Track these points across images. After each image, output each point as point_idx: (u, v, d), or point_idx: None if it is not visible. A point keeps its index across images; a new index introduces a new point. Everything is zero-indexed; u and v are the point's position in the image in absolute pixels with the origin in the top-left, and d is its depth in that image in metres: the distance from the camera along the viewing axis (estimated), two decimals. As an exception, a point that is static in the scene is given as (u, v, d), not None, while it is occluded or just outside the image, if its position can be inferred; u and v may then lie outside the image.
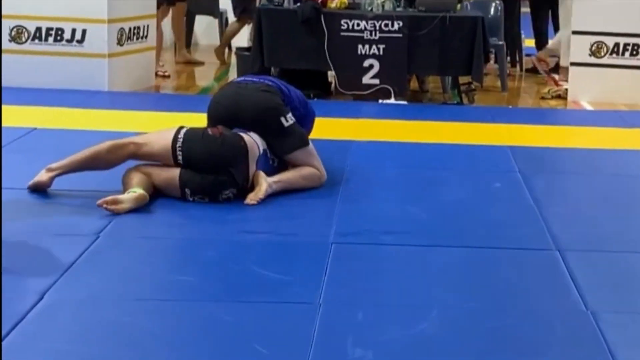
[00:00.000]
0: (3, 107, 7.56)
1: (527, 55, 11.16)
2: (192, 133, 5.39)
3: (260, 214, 5.20)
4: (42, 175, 5.41)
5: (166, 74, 10.02)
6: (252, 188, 5.38)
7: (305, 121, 5.92)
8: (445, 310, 3.97)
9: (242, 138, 5.42)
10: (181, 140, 5.33)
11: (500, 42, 9.83)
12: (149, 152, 5.38)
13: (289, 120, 5.63)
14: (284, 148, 5.62)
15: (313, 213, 5.26)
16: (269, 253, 4.61)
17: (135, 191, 5.08)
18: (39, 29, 8.63)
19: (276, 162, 5.63)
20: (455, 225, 5.15)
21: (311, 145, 5.75)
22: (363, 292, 4.14)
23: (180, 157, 5.32)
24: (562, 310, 4.04)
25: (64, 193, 5.39)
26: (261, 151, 5.49)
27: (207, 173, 5.26)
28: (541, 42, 10.99)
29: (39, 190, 5.39)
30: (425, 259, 4.61)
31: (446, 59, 8.80)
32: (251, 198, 5.30)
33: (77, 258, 4.38)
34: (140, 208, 5.09)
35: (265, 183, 5.37)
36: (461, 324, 3.85)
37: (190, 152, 5.31)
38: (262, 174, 5.42)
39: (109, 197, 4.98)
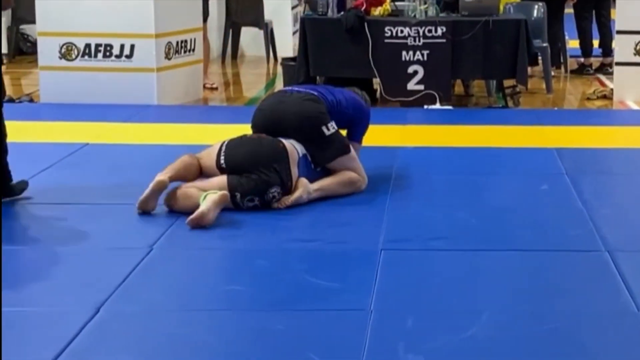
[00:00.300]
0: (56, 123, 7.73)
1: (572, 56, 11.11)
2: (233, 140, 5.57)
3: (310, 221, 5.25)
4: (160, 175, 5.36)
5: (214, 86, 10.10)
6: (294, 192, 5.48)
7: (357, 122, 5.95)
8: (496, 314, 3.99)
9: (280, 141, 5.52)
10: (225, 147, 5.50)
11: (544, 44, 9.81)
12: (205, 164, 5.54)
13: (330, 129, 5.68)
14: (325, 157, 5.69)
15: (362, 220, 5.31)
16: (319, 261, 4.66)
17: (209, 193, 5.16)
18: (88, 46, 8.75)
19: (318, 167, 5.70)
20: (504, 228, 5.17)
21: (352, 151, 5.79)
22: (414, 298, 4.18)
23: (222, 160, 5.45)
24: (613, 311, 4.05)
25: (115, 207, 5.48)
26: (300, 155, 5.57)
27: (250, 172, 5.36)
28: (585, 43, 10.94)
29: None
30: (474, 263, 4.64)
31: (490, 62, 8.80)
32: (280, 202, 5.40)
33: (132, 271, 4.45)
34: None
35: (300, 191, 5.45)
36: (512, 327, 3.87)
37: (231, 155, 5.45)
38: (304, 181, 5.50)
39: (195, 216, 5.04)
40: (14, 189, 5.63)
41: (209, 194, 5.18)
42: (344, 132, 5.91)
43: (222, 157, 5.46)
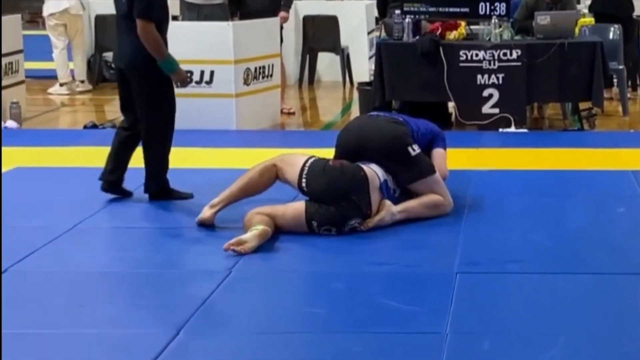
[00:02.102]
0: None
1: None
2: (316, 164, 5.59)
3: (385, 245, 5.30)
4: (205, 212, 5.63)
5: (291, 111, 10.21)
6: (377, 214, 5.53)
7: (436, 138, 6.05)
8: (573, 336, 4.01)
9: (361, 168, 5.57)
10: (307, 169, 5.55)
11: (620, 67, 9.77)
12: (285, 176, 5.62)
13: (415, 149, 5.75)
14: (410, 176, 5.74)
15: (437, 243, 5.35)
16: (395, 284, 4.71)
17: (258, 228, 5.25)
18: (169, 73, 8.88)
19: (398, 192, 5.74)
20: (580, 251, 5.17)
21: (437, 174, 5.84)
22: (489, 321, 4.21)
23: (304, 184, 5.52)
24: (689, 334, 4.05)
25: (195, 230, 5.58)
26: (382, 180, 5.62)
27: (329, 204, 5.42)
28: (661, 65, 10.85)
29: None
30: (550, 286, 4.65)
31: (566, 85, 8.78)
32: (363, 224, 5.46)
33: (211, 293, 4.54)
34: (268, 244, 5.25)
35: (383, 213, 5.51)
36: (589, 350, 3.89)
37: (312, 182, 5.50)
38: (387, 203, 5.55)
39: (234, 240, 5.13)
40: (177, 193, 6.25)
41: (256, 228, 5.24)
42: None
43: (304, 181, 5.53)
